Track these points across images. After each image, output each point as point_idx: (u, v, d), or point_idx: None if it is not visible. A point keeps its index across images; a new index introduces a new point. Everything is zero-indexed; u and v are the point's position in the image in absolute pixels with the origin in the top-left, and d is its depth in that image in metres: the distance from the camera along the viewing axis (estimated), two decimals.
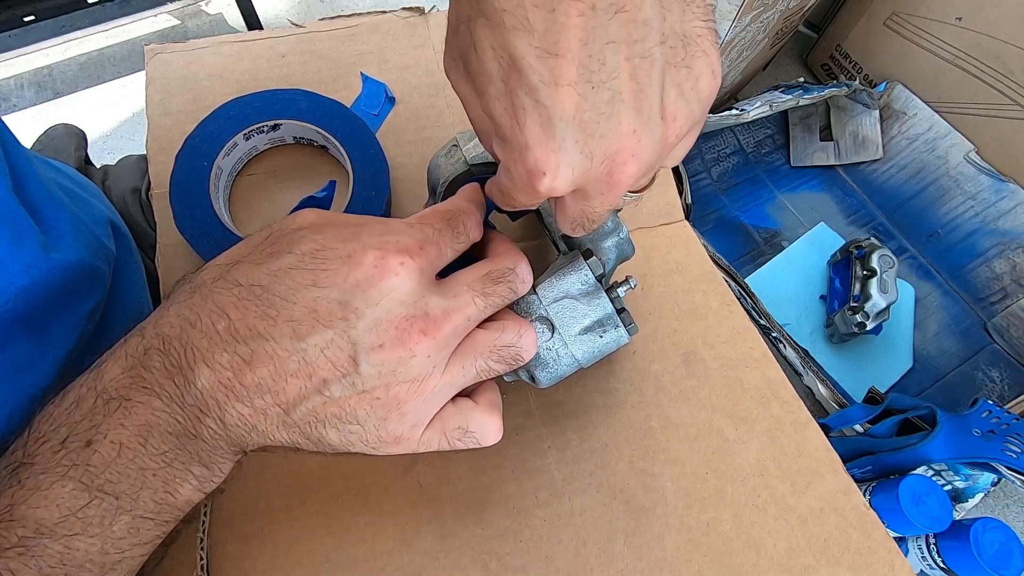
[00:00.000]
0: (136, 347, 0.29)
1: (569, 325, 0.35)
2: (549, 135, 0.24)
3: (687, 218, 0.54)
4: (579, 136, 0.24)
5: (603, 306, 0.35)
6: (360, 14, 0.58)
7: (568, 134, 0.24)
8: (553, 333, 0.35)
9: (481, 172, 0.40)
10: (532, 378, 0.36)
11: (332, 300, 0.28)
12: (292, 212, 0.47)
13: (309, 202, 0.48)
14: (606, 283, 0.36)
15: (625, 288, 0.37)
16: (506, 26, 0.23)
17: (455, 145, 0.42)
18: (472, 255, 0.35)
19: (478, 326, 0.32)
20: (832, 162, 1.32)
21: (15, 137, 0.39)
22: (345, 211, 0.46)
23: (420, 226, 0.32)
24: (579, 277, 0.35)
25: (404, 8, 0.59)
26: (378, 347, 0.28)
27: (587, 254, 0.35)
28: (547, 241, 0.49)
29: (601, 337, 0.35)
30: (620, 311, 0.35)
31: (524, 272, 0.33)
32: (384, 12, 0.59)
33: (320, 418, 0.29)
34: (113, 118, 1.33)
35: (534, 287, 0.35)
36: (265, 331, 0.28)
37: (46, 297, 0.34)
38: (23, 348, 0.33)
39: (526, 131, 0.25)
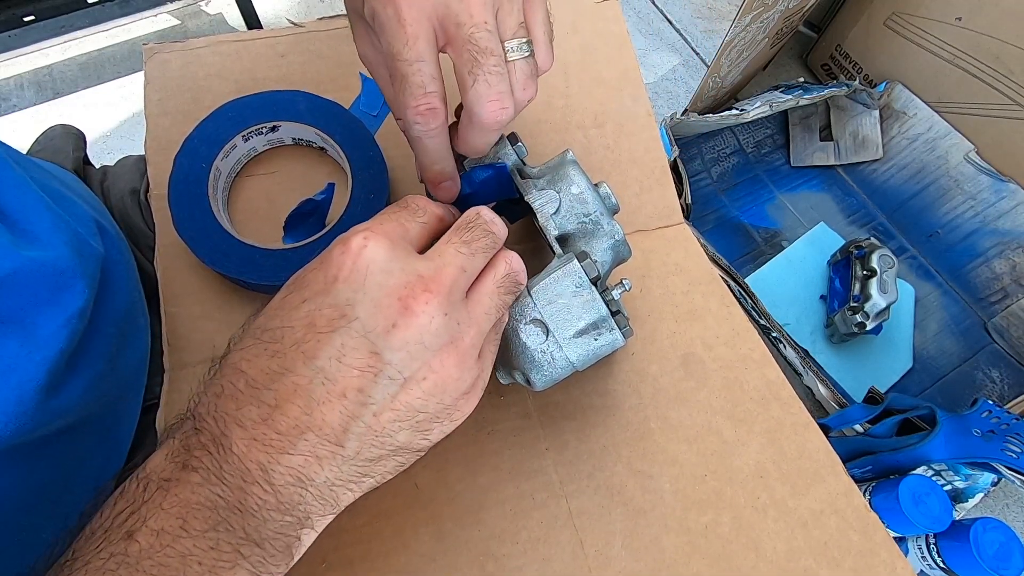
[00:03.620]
0: (178, 434, 0.28)
1: (563, 328, 0.34)
2: None
3: (687, 218, 0.54)
4: None
5: (597, 308, 0.34)
6: None
7: None
8: (547, 335, 0.34)
9: (478, 174, 0.40)
10: (527, 380, 0.36)
11: (323, 306, 0.27)
12: (290, 216, 0.48)
13: (307, 205, 0.48)
14: (601, 285, 0.36)
15: (619, 290, 0.37)
16: None
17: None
18: None
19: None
20: (832, 162, 1.31)
21: None
22: (343, 214, 0.46)
23: (376, 216, 0.32)
24: (573, 279, 0.34)
25: None
26: (391, 328, 0.27)
27: (581, 256, 0.35)
28: (543, 244, 0.49)
29: (596, 340, 0.35)
30: (615, 313, 0.35)
31: (487, 214, 0.33)
32: None
33: (378, 432, 0.28)
34: (113, 118, 1.33)
35: (528, 289, 0.35)
36: (278, 367, 0.27)
37: (26, 294, 0.34)
38: (8, 346, 0.33)
39: None
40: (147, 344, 0.47)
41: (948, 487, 0.87)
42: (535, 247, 0.49)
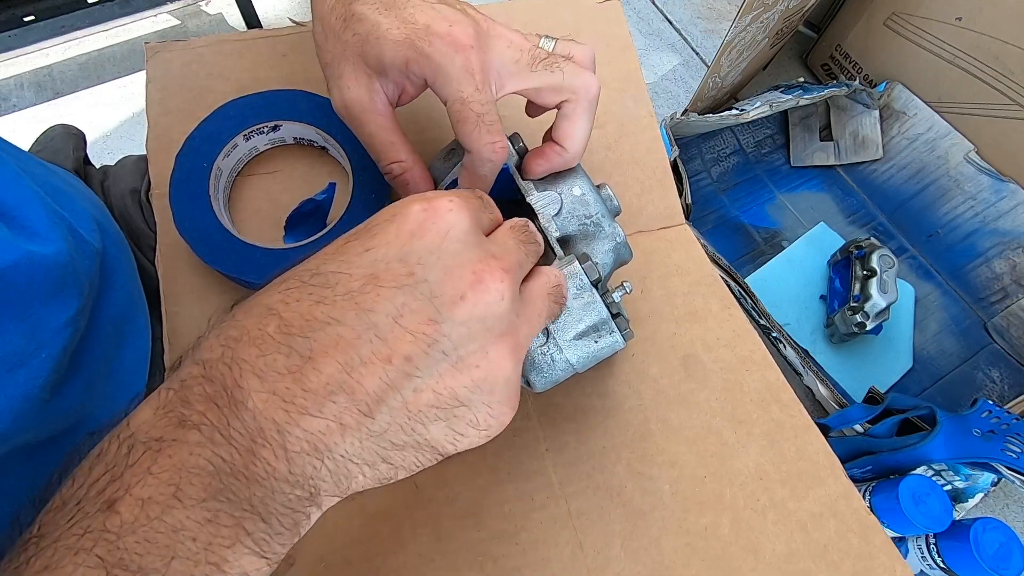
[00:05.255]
0: (171, 383, 0.24)
1: (564, 330, 0.34)
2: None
3: (687, 218, 0.54)
4: None
5: (598, 311, 0.34)
6: None
7: None
8: (548, 338, 0.34)
9: None
10: (527, 382, 0.36)
11: (390, 259, 0.25)
12: (290, 216, 0.48)
13: (308, 204, 0.48)
14: (602, 288, 0.36)
15: (620, 292, 0.37)
16: None
17: (453, 148, 0.42)
18: None
19: None
20: (832, 162, 1.31)
21: None
22: (344, 214, 0.46)
23: (454, 190, 0.30)
24: (573, 282, 0.34)
25: None
26: (459, 299, 0.25)
27: (583, 258, 0.35)
28: (545, 249, 0.49)
29: (596, 342, 0.35)
30: (615, 316, 0.35)
31: (532, 226, 0.33)
32: None
33: (412, 413, 0.25)
34: (113, 118, 1.33)
35: None
36: (323, 315, 0.24)
37: (30, 288, 0.34)
38: (13, 341, 0.33)
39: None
40: (147, 343, 0.46)
41: (948, 487, 0.87)
42: None
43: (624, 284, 0.37)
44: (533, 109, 0.43)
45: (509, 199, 0.43)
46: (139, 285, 0.48)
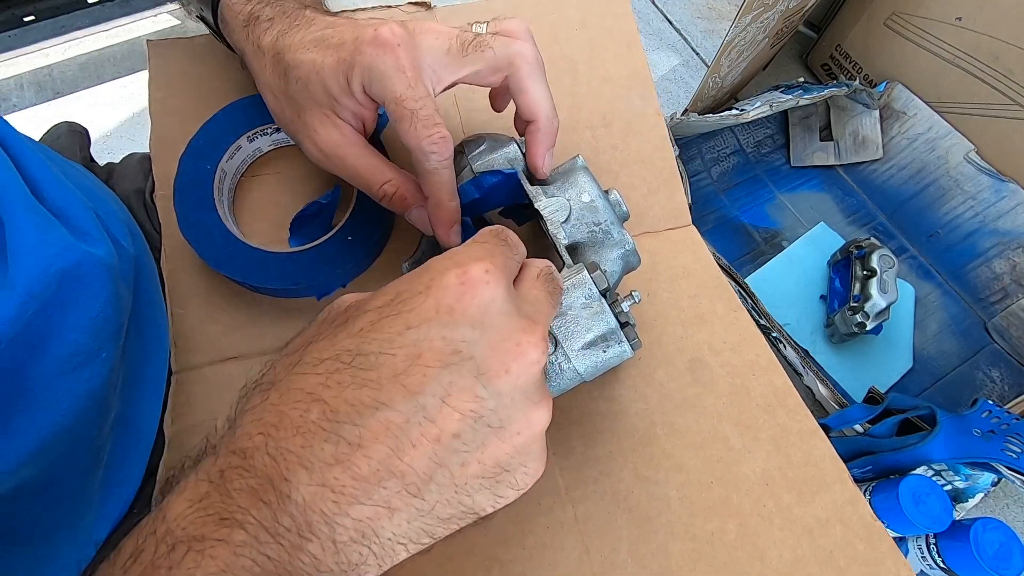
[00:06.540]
0: (207, 472, 0.23)
1: (572, 339, 0.34)
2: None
3: None
4: None
5: (607, 321, 0.34)
6: (364, 9, 0.57)
7: None
8: (556, 347, 0.34)
9: (487, 180, 0.40)
10: None
11: (433, 337, 0.24)
12: (295, 219, 0.47)
13: (313, 207, 0.48)
14: (611, 296, 0.36)
15: (629, 303, 0.36)
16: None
17: (460, 151, 0.42)
18: None
19: None
20: (832, 162, 1.31)
21: (27, 143, 0.39)
22: (349, 216, 0.46)
23: (477, 242, 0.29)
24: (583, 291, 0.34)
25: (410, 3, 0.58)
26: (504, 372, 0.25)
27: (591, 267, 0.35)
28: (547, 244, 0.49)
29: (604, 352, 0.35)
30: (624, 325, 0.35)
31: (554, 269, 0.33)
32: (389, 7, 0.58)
33: (459, 486, 0.25)
34: (113, 118, 1.33)
35: None
36: (370, 399, 0.23)
37: (92, 288, 0.34)
38: (81, 340, 0.33)
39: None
40: (167, 349, 0.46)
41: (948, 487, 0.87)
42: (541, 246, 0.49)
43: (633, 294, 0.37)
44: (493, 100, 0.45)
45: (516, 204, 0.43)
46: (159, 289, 0.48)
